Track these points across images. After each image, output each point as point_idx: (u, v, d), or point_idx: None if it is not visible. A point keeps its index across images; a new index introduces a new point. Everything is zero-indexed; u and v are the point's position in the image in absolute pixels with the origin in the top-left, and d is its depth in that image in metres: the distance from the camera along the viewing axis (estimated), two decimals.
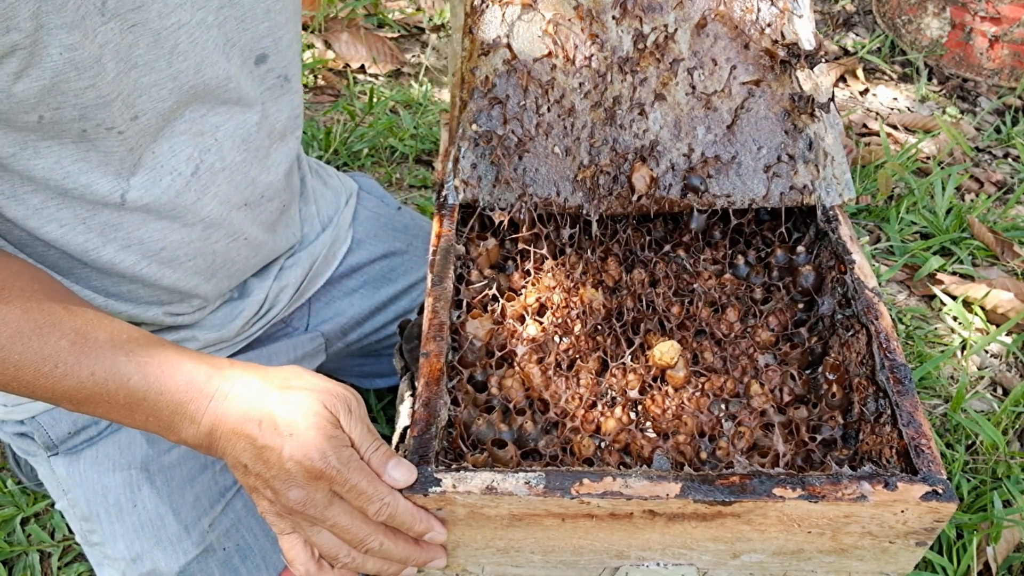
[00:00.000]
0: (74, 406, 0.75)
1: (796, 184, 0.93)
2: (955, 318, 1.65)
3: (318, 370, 1.24)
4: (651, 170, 0.89)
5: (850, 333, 0.86)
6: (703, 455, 0.80)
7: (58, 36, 0.68)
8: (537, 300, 0.90)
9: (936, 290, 1.68)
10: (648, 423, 0.82)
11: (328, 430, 0.69)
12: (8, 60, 0.67)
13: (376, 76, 2.15)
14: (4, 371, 0.72)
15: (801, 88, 0.92)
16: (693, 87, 0.91)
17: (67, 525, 1.28)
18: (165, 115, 0.81)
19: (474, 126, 0.88)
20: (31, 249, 0.84)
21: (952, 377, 1.57)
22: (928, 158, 2.03)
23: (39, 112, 0.72)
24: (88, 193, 0.80)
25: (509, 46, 0.90)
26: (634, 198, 0.90)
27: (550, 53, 0.90)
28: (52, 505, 1.30)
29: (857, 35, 2.47)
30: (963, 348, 1.59)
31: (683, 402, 0.83)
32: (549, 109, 0.90)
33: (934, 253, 1.77)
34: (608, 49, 0.90)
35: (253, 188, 0.95)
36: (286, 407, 0.69)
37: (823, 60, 0.92)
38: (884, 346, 0.81)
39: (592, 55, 0.89)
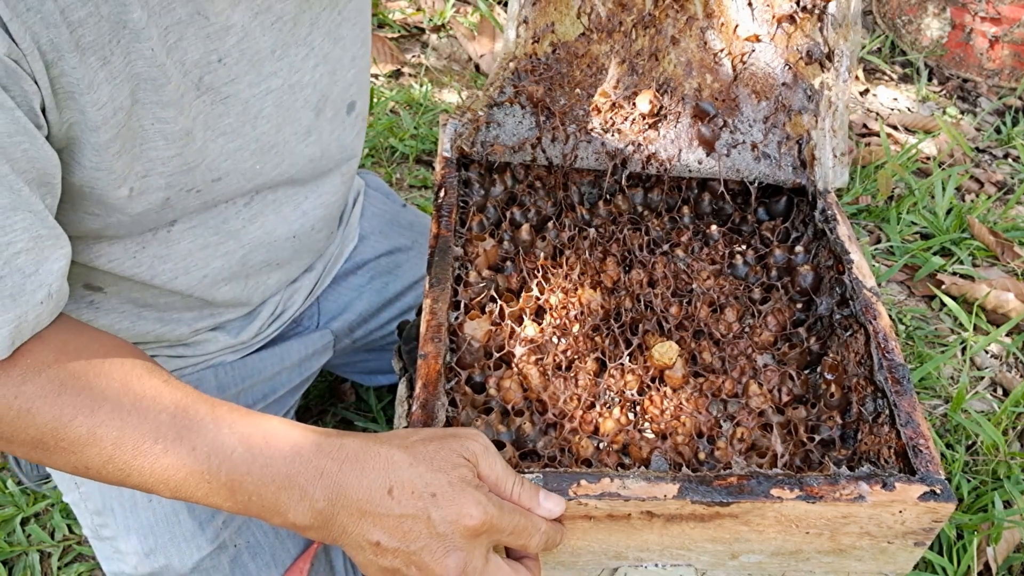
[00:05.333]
0: (170, 491, 0.67)
1: (791, 134, 0.98)
2: (955, 318, 1.65)
3: (324, 367, 1.25)
4: (658, 96, 0.96)
5: (848, 333, 0.86)
6: (701, 455, 0.80)
7: (152, 110, 0.69)
8: (535, 301, 0.90)
9: (936, 290, 1.68)
10: (647, 424, 0.82)
11: (470, 479, 0.63)
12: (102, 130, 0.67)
13: (376, 76, 2.15)
14: (101, 451, 0.65)
15: (812, 39, 0.96)
16: (705, 43, 0.97)
17: (67, 525, 1.28)
18: (247, 175, 0.82)
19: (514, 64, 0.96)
20: (75, 268, 0.84)
21: (952, 377, 1.56)
22: (928, 158, 2.02)
23: (129, 184, 0.72)
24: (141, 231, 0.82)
25: (553, 30, 0.96)
26: (636, 115, 0.96)
27: (584, 33, 0.96)
28: (52, 505, 1.30)
29: None
30: (963, 348, 1.59)
31: (681, 402, 0.83)
32: (582, 71, 0.97)
33: (934, 253, 1.77)
34: (635, 12, 0.96)
35: (303, 220, 0.96)
36: (417, 467, 0.63)
37: (827, 10, 0.95)
38: (882, 346, 0.81)
39: (620, 20, 0.96)
